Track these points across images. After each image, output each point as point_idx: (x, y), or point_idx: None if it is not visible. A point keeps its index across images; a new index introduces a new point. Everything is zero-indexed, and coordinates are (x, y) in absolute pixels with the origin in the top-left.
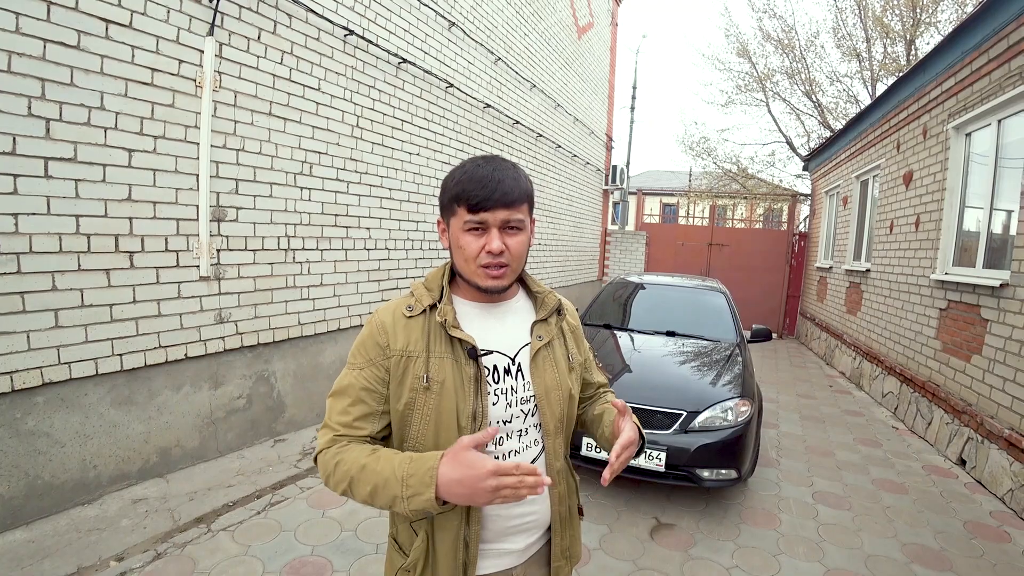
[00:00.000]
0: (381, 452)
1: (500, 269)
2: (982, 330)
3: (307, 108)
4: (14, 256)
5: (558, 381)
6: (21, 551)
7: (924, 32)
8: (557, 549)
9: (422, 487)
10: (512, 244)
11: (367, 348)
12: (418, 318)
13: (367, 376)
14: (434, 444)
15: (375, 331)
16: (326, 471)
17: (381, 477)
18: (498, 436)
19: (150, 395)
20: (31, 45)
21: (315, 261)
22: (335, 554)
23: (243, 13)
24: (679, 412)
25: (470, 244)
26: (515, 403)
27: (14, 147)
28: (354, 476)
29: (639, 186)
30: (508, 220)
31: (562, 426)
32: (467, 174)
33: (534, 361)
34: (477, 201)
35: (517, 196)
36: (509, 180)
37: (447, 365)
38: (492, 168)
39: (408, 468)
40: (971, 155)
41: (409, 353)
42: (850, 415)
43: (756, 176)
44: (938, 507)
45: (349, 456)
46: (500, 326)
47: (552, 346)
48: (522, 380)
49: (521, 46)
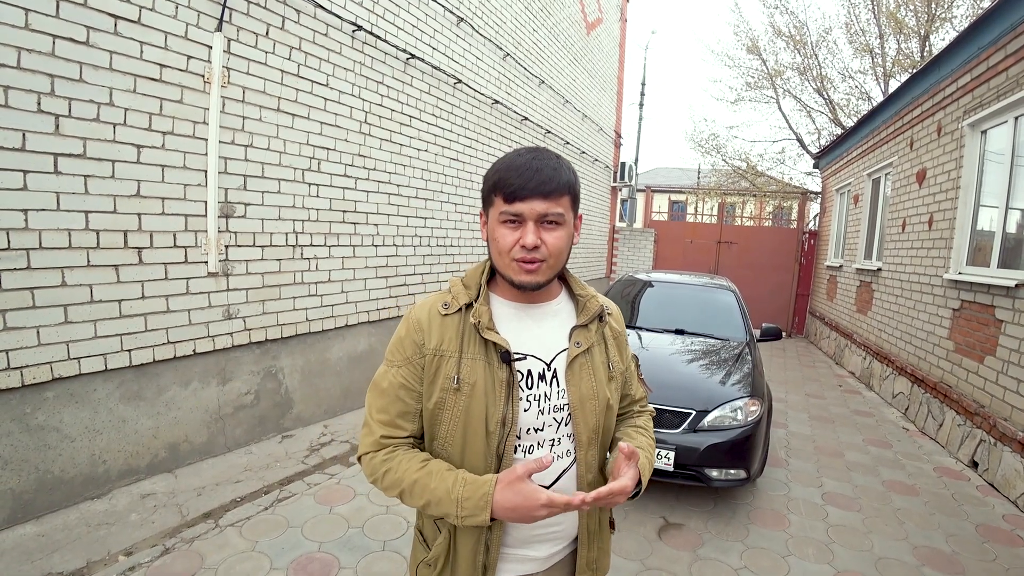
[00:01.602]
0: (431, 467)
1: (534, 264)
2: (996, 331)
3: (315, 104)
4: (24, 252)
5: (595, 390)
6: (31, 544)
7: (939, 27)
8: (583, 561)
9: (477, 510)
10: (550, 240)
11: (404, 346)
12: (453, 316)
13: (404, 374)
14: (461, 446)
15: (412, 329)
16: (373, 474)
17: (435, 496)
18: (528, 444)
19: (158, 391)
20: (41, 41)
21: (323, 257)
22: (342, 551)
23: (251, 8)
24: (688, 411)
25: (505, 236)
26: (548, 411)
27: (23, 143)
28: (406, 488)
29: (647, 183)
30: (546, 213)
31: (596, 437)
32: (506, 163)
33: (570, 368)
34: (512, 190)
35: (556, 187)
36: (548, 170)
37: (479, 367)
38: (532, 157)
39: (463, 491)
40: (986, 153)
41: (442, 352)
42: (860, 415)
43: (766, 173)
44: (950, 510)
45: (399, 467)
46: (537, 328)
47: (591, 353)
48: (557, 387)
49: (530, 42)
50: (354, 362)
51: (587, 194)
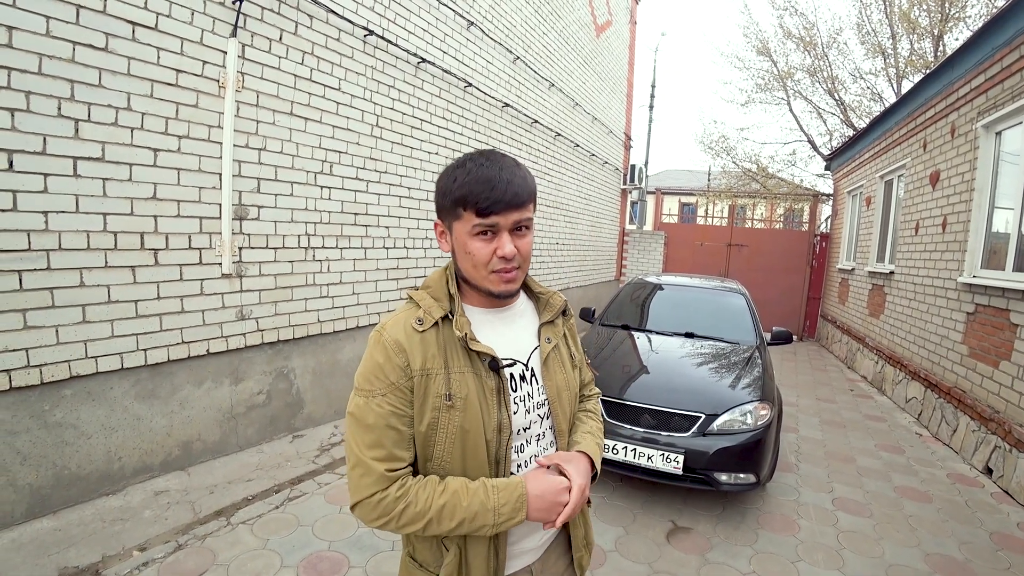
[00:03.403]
0: (451, 486)
1: (512, 273)
2: (1011, 335)
3: (327, 108)
4: (44, 253)
5: (567, 381)
6: (48, 539)
7: (953, 27)
8: (578, 539)
9: (515, 512)
10: (522, 246)
11: (386, 372)
12: (430, 331)
13: (392, 402)
14: (461, 460)
15: (392, 352)
16: (384, 516)
17: (470, 512)
18: (519, 443)
19: (173, 389)
20: (61, 48)
21: (335, 259)
22: (352, 550)
23: (265, 14)
24: (697, 415)
25: (480, 250)
26: (532, 409)
27: (44, 147)
28: (432, 518)
29: (658, 185)
30: (519, 221)
31: (570, 423)
32: (471, 175)
33: (545, 365)
34: (488, 205)
35: (527, 196)
36: (518, 180)
37: (469, 379)
38: (498, 168)
39: (498, 498)
40: (1001, 154)
41: (428, 371)
42: (872, 420)
43: (776, 175)
44: (963, 517)
45: (418, 499)
46: (510, 332)
47: (559, 348)
48: (536, 385)
49: (540, 45)
50: None
51: (597, 196)
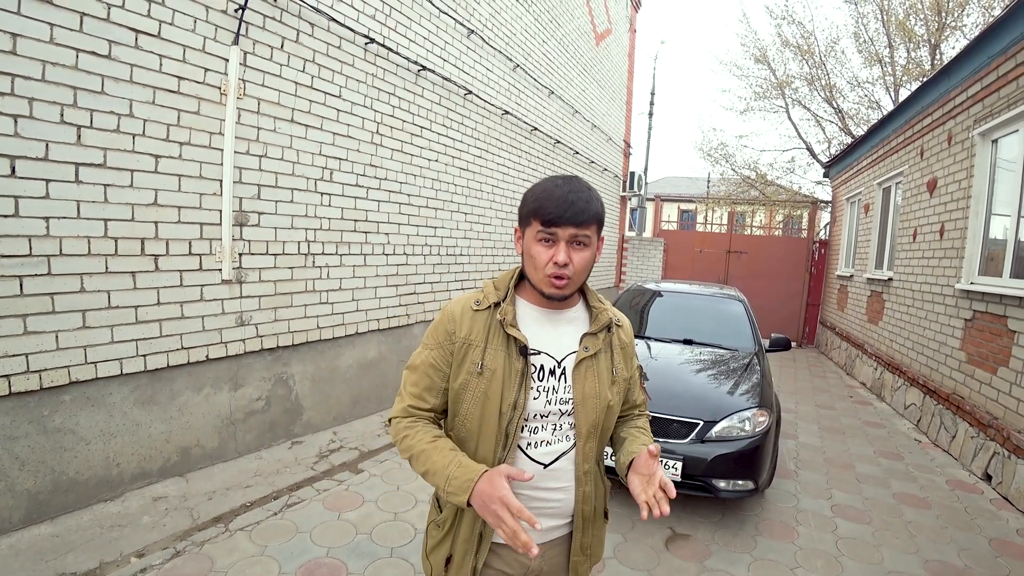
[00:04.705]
0: (440, 443)
1: (563, 280)
2: (1009, 341)
3: (328, 115)
4: (45, 258)
5: (597, 391)
6: (45, 545)
7: (949, 36)
8: (577, 544)
9: (460, 491)
10: (577, 258)
11: (437, 333)
12: (483, 312)
13: (434, 356)
14: (479, 423)
15: (446, 319)
16: (396, 437)
17: (434, 467)
18: (534, 426)
19: (172, 395)
20: (64, 55)
21: (334, 266)
22: (350, 556)
23: (267, 22)
24: (696, 421)
25: (540, 254)
26: (554, 402)
27: (47, 153)
28: (414, 455)
29: (657, 192)
30: (576, 236)
31: (596, 432)
32: (546, 192)
33: (577, 369)
34: (551, 218)
35: (587, 218)
36: (581, 203)
37: (500, 357)
38: (568, 190)
39: (455, 471)
40: (998, 161)
41: (470, 341)
42: (871, 427)
43: (775, 183)
44: (962, 523)
45: (415, 435)
46: (554, 331)
47: (597, 358)
48: (564, 383)
49: (539, 53)
50: (364, 370)
51: None
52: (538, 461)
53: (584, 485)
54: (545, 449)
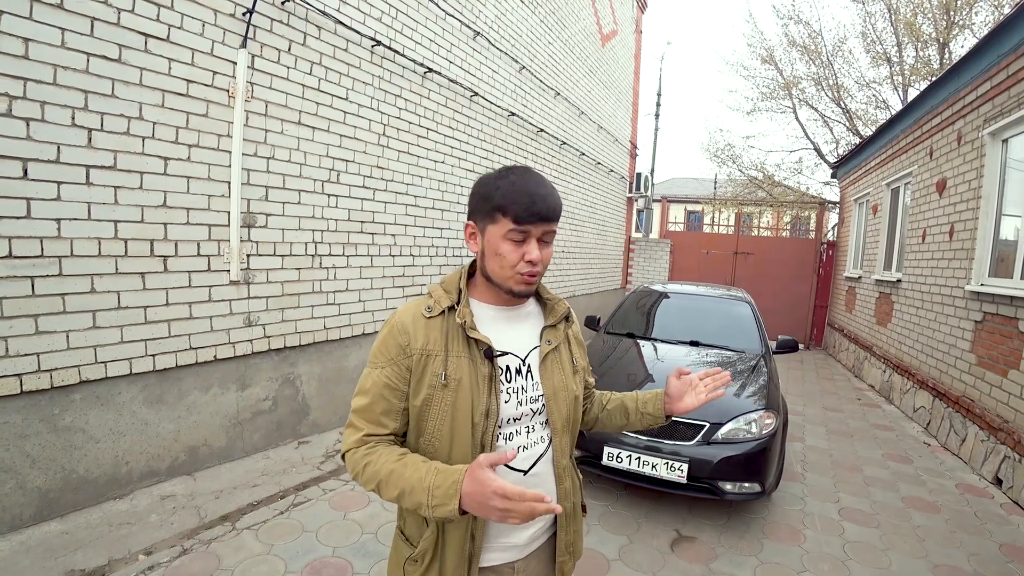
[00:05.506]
0: (408, 459)
1: (534, 277)
2: (1020, 344)
3: (335, 117)
4: (56, 259)
5: (564, 383)
6: (55, 542)
7: (958, 34)
8: (562, 544)
9: (447, 499)
10: (545, 254)
11: (388, 348)
12: (437, 319)
13: (388, 375)
14: (449, 439)
15: (396, 332)
16: (354, 470)
17: (408, 484)
18: (508, 432)
19: (180, 395)
20: (75, 59)
21: (341, 267)
22: (356, 556)
23: (274, 26)
24: (702, 423)
25: (510, 252)
26: (525, 402)
27: (58, 155)
28: (382, 480)
29: (663, 193)
30: (546, 232)
31: (568, 425)
32: (514, 186)
33: (543, 364)
34: (526, 215)
35: (558, 213)
36: (552, 197)
37: (464, 364)
38: (536, 184)
39: (435, 480)
40: (1008, 161)
41: (428, 352)
42: (879, 429)
43: (783, 183)
44: (972, 528)
45: (378, 460)
46: (512, 329)
47: (559, 351)
48: (531, 380)
49: (545, 54)
50: None
51: (603, 205)
52: (517, 469)
53: (564, 482)
54: (523, 455)
